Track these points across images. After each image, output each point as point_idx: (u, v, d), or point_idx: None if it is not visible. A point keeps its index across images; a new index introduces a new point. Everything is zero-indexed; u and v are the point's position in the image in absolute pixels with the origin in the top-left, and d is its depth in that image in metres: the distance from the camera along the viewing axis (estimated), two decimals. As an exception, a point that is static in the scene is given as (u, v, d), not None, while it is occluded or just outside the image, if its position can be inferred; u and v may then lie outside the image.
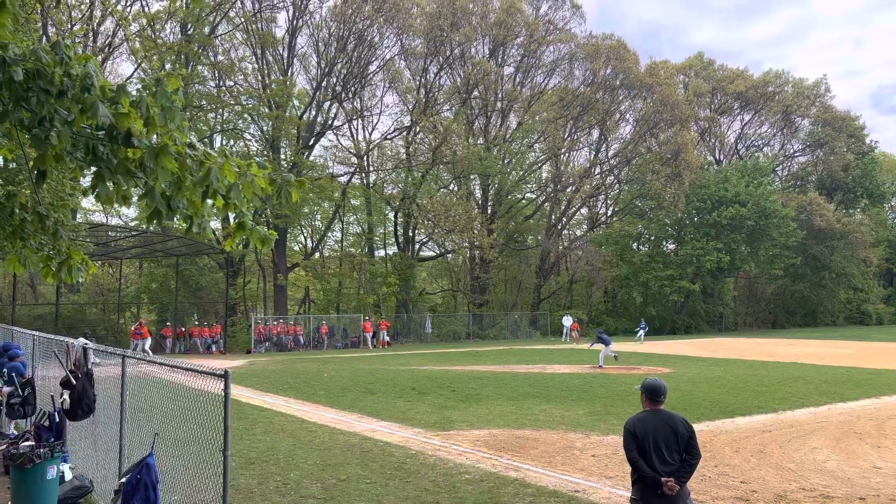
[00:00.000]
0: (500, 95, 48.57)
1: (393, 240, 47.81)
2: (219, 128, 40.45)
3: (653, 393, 5.46)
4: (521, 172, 50.78)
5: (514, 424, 12.88)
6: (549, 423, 12.98)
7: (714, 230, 51.05)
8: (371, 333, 37.46)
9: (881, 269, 70.52)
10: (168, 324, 35.42)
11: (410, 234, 46.86)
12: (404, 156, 45.34)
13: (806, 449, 10.84)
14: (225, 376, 4.90)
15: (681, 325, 53.04)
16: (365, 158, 44.82)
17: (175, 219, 3.84)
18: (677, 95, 52.07)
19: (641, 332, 40.10)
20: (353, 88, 43.57)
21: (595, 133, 53.74)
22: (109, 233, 31.28)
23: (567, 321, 42.88)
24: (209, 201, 3.48)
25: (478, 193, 50.43)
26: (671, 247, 56.88)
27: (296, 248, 48.13)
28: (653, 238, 56.32)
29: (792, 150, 68.04)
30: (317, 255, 46.98)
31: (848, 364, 25.33)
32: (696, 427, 13.10)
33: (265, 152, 39.89)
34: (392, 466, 9.66)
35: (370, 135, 46.90)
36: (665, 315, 52.62)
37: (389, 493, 8.26)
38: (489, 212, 48.61)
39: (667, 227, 55.00)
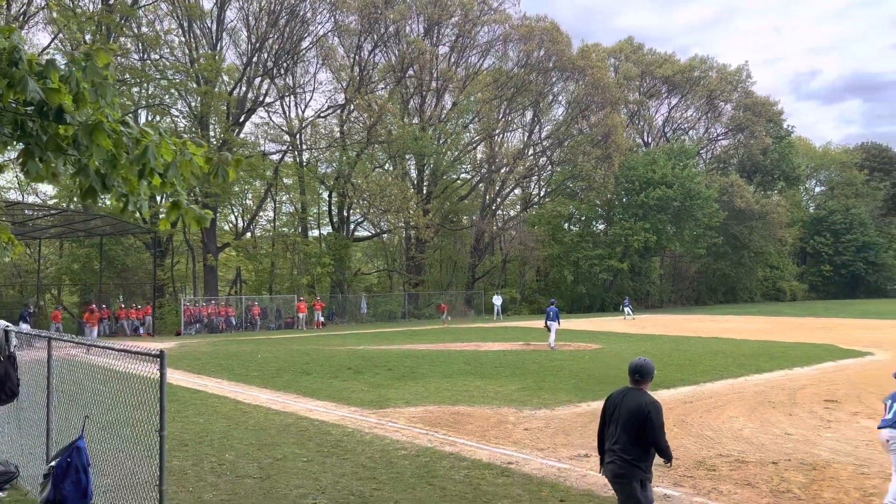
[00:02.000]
0: (435, 75, 48.46)
1: (327, 220, 47.31)
2: (144, 103, 38.94)
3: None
4: (457, 153, 50.98)
5: (450, 401, 13.11)
6: (484, 399, 13.27)
7: (642, 211, 52.61)
8: (305, 314, 37.13)
9: (795, 248, 74.27)
10: (93, 306, 34.18)
11: (345, 213, 46.49)
12: (338, 134, 44.78)
13: (724, 418, 11.46)
14: (161, 356, 4.86)
15: (609, 302, 54.60)
16: (298, 136, 44.06)
17: (106, 198, 3.77)
18: (608, 79, 53.14)
19: (627, 308, 41.42)
20: (285, 64, 42.65)
21: (528, 114, 54.39)
22: (27, 211, 29.85)
23: (497, 300, 43.50)
24: (145, 180, 3.44)
25: (413, 173, 50.38)
26: (601, 227, 58.36)
27: (226, 227, 47.02)
28: (583, 218, 57.62)
29: (715, 134, 70.63)
30: (248, 234, 46.05)
31: (764, 338, 26.72)
32: (624, 400, 13.57)
33: (193, 129, 38.70)
34: (329, 444, 9.72)
35: (303, 112, 46.13)
36: (594, 293, 54.08)
37: (326, 471, 8.33)
38: (425, 192, 48.66)
39: (597, 207, 56.35)
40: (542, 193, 58.25)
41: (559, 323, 24.81)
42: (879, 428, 6.72)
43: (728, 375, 16.32)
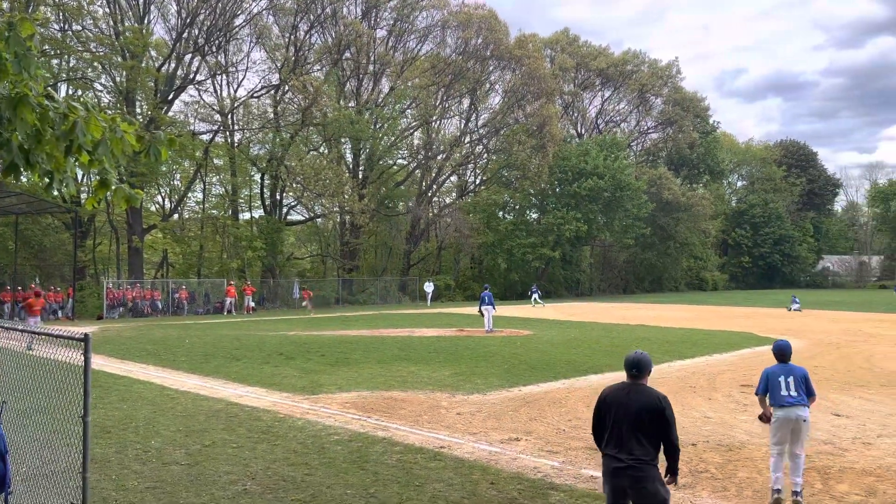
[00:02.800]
0: (372, 58, 47.95)
1: (259, 202, 46.31)
2: (64, 76, 37.08)
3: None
4: (393, 138, 50.70)
5: (383, 386, 13.14)
6: (417, 385, 13.35)
7: (574, 201, 53.64)
8: (235, 299, 36.36)
9: (718, 240, 77.28)
10: (8, 288, 32.51)
11: (278, 196, 45.61)
12: (272, 115, 43.79)
13: (648, 402, 11.88)
14: (85, 340, 4.69)
15: (541, 290, 55.60)
16: (229, 116, 42.88)
17: (27, 176, 3.60)
18: (544, 69, 53.78)
19: (535, 295, 41.85)
20: (216, 42, 41.34)
21: (466, 102, 54.52)
22: (-66, 187, 28.08)
23: (429, 287, 43.61)
24: (72, 157, 3.30)
25: (349, 157, 49.86)
26: (534, 216, 59.22)
27: (152, 208, 45.41)
28: (518, 207, 58.32)
29: (646, 127, 72.54)
30: (176, 216, 44.60)
31: (687, 326, 27.79)
32: (553, 385, 13.98)
33: (118, 105, 37.13)
34: (259, 430, 9.60)
35: (235, 92, 44.83)
36: (527, 281, 54.87)
37: (257, 457, 8.24)
38: (360, 177, 48.24)
39: (531, 196, 57.12)
40: (477, 181, 58.64)
41: (495, 308, 25.22)
42: (790, 405, 6.72)
43: (654, 361, 16.87)
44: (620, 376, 14.91)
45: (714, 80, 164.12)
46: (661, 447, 4.84)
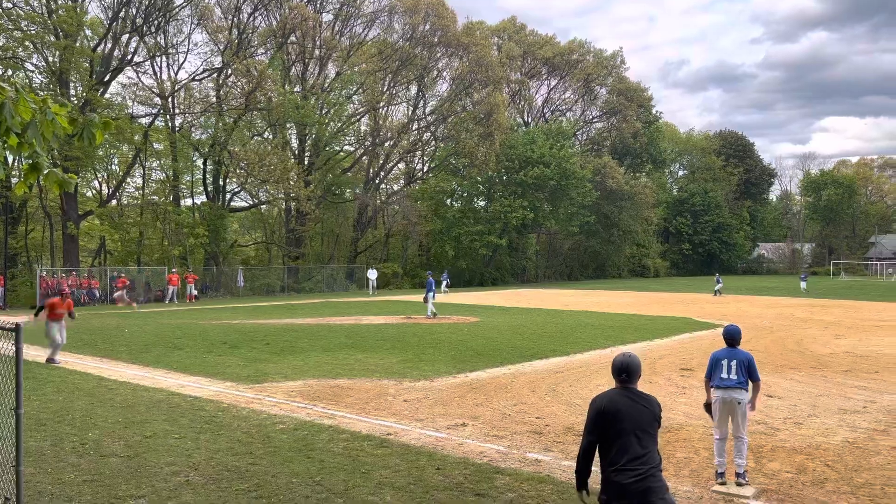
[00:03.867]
0: (318, 43, 47.19)
1: (201, 188, 45.17)
2: (-8, 54, 35.33)
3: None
4: (340, 124, 50.09)
5: (330, 374, 13.06)
6: (364, 372, 13.32)
7: (521, 189, 54.14)
8: (177, 287, 35.50)
9: (660, 228, 79.28)
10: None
11: (221, 182, 44.59)
12: (214, 99, 42.67)
13: (592, 386, 12.15)
14: (16, 330, 4.51)
15: (488, 277, 56.08)
16: (170, 100, 41.61)
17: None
18: (491, 57, 53.94)
19: (444, 282, 41.68)
20: (156, 22, 40.00)
21: (413, 89, 54.28)
22: None
23: (372, 274, 43.23)
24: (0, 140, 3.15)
25: (294, 143, 49.05)
26: (482, 203, 59.55)
27: (89, 194, 43.82)
28: (465, 195, 58.55)
29: (591, 117, 73.62)
30: (114, 202, 43.15)
31: (629, 312, 28.46)
32: (499, 371, 14.13)
33: (51, 86, 35.61)
34: (202, 420, 9.43)
35: (176, 74, 43.55)
36: (474, 268, 55.29)
37: (200, 447, 8.10)
38: (306, 163, 47.57)
39: (478, 184, 57.39)
40: (425, 169, 58.54)
41: (446, 284, 25.41)
42: (728, 387, 6.88)
43: (596, 346, 17.28)
44: (566, 361, 15.15)
45: (658, 70, 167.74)
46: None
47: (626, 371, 4.63)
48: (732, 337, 7.08)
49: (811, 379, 13.09)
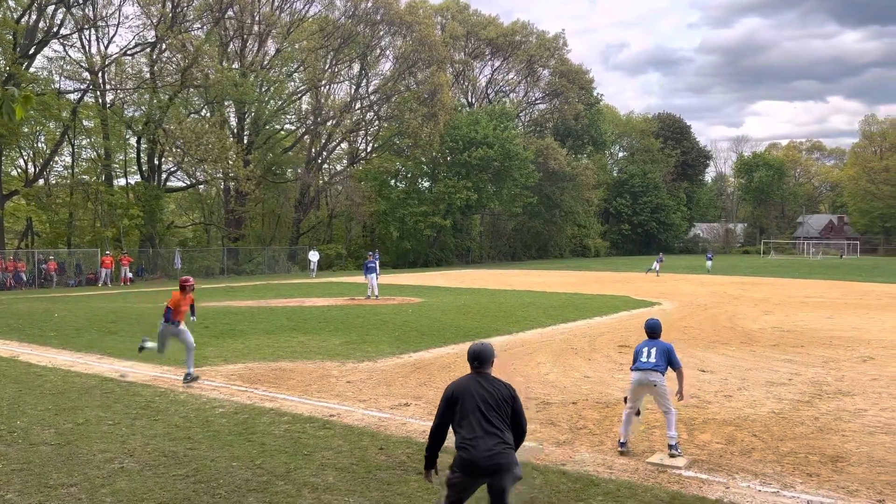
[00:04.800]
0: (257, 18, 45.94)
1: (136, 167, 43.63)
2: None
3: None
4: (280, 102, 49.06)
5: (271, 357, 12.89)
6: (307, 354, 13.20)
7: (465, 170, 54.24)
8: (111, 270, 34.35)
9: (600, 209, 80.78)
10: None
11: (156, 161, 43.15)
12: (148, 75, 41.14)
13: (533, 364, 12.35)
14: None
15: (433, 258, 56.18)
16: (100, 75, 39.92)
17: None
18: (435, 36, 53.57)
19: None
20: (84, -8, 38.18)
21: (356, 67, 53.53)
22: None
23: (313, 256, 42.53)
24: None
25: (233, 122, 47.83)
26: (426, 184, 59.45)
27: (13, 173, 41.79)
28: (409, 175, 58.31)
29: (534, 98, 74.13)
30: (41, 182, 41.28)
31: (570, 291, 28.98)
32: (443, 350, 14.20)
33: (-30, 58, 33.71)
34: (138, 406, 9.19)
35: (106, 49, 41.71)
36: (419, 249, 55.28)
37: (136, 433, 7.89)
38: (245, 142, 46.48)
39: (422, 165, 57.22)
40: (369, 149, 57.97)
41: (378, 274, 25.49)
42: (645, 370, 7.25)
43: (538, 325, 17.54)
44: (508, 339, 15.33)
45: (599, 53, 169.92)
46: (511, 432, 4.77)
47: (477, 359, 4.87)
48: (653, 329, 7.52)
49: (741, 353, 13.61)
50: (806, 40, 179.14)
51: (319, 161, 53.17)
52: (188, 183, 47.80)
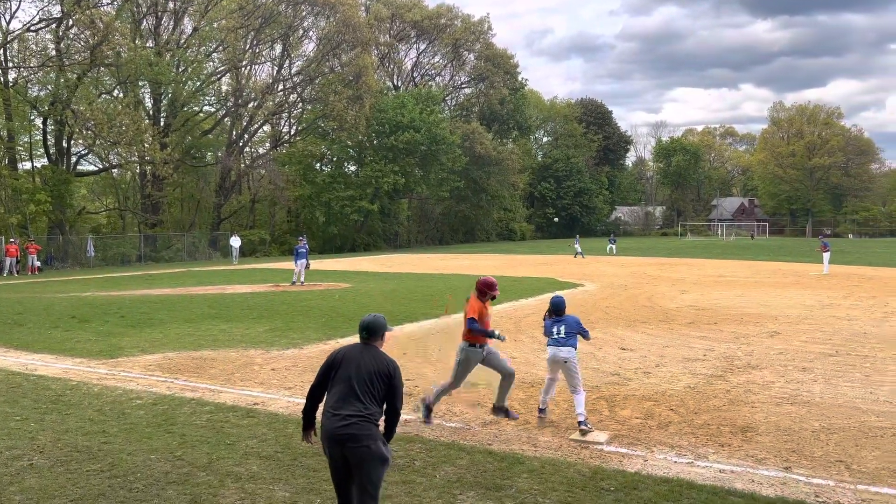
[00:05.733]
0: (172, -5, 44.08)
1: (42, 150, 41.26)
2: None
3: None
4: (199, 83, 47.33)
5: (192, 346, 12.50)
6: (229, 343, 12.87)
7: (391, 153, 53.91)
8: (16, 258, 32.50)
9: (525, 193, 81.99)
10: None
11: (65, 144, 40.93)
12: (54, 53, 38.85)
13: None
14: None
15: (360, 242, 55.75)
16: (1, 52, 37.44)
17: None
18: (359, 18, 52.81)
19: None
20: (-20, -38, 35.66)
21: (278, 48, 52.22)
22: None
23: (235, 242, 41.36)
24: None
25: (148, 103, 45.86)
26: (352, 168, 58.79)
27: None
28: (335, 159, 57.53)
29: (459, 82, 74.26)
30: (-63, 165, 38.54)
31: (497, 273, 29.27)
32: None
33: None
34: (48, 400, 8.74)
35: (8, 24, 39.12)
36: (346, 234, 54.73)
37: (46, 428, 7.50)
38: (162, 124, 44.69)
39: (349, 148, 56.54)
40: (292, 132, 56.82)
41: (308, 261, 25.04)
42: (557, 346, 7.63)
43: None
44: (436, 323, 15.38)
45: (524, 38, 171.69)
46: (384, 410, 4.71)
47: (366, 329, 4.82)
48: (558, 307, 7.90)
49: (660, 331, 14.12)
50: (719, 29, 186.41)
51: (241, 144, 51.74)
52: (101, 167, 45.63)
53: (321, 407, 4.74)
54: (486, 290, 7.80)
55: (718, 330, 14.27)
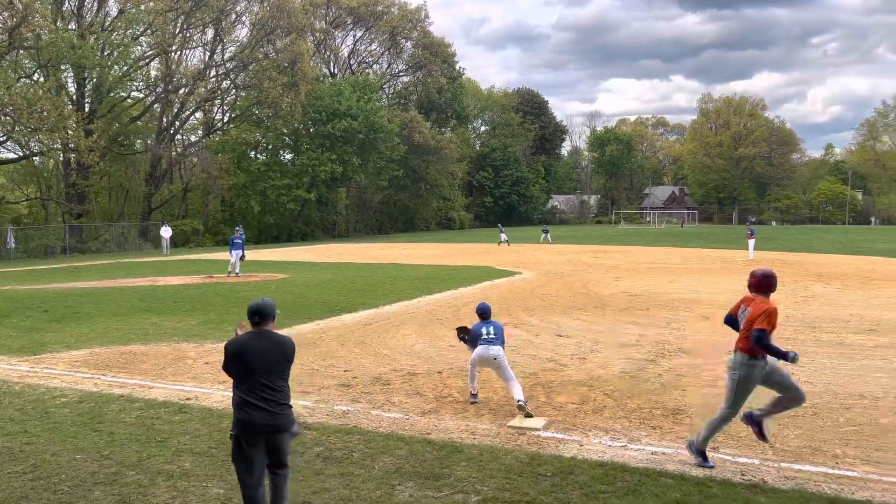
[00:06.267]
0: (95, -26, 42.14)
1: (-45, 137, 39.00)
2: None
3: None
4: (126, 68, 45.45)
5: (121, 341, 12.08)
6: (161, 336, 12.49)
7: (329, 141, 53.17)
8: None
9: (464, 182, 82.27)
10: None
11: (-19, 130, 38.78)
12: (-33, 33, 36.68)
13: (399, 336, 12.42)
14: None
15: (297, 232, 54.90)
16: None
17: None
18: (294, 3, 51.73)
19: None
20: None
21: (210, 33, 50.67)
22: None
23: (166, 232, 39.96)
24: None
25: (72, 88, 43.84)
26: (288, 156, 57.75)
27: None
28: (270, 147, 56.39)
29: (397, 70, 73.79)
30: None
31: (436, 263, 29.39)
32: (307, 327, 13.97)
33: None
34: (-36, 401, 8.29)
35: (-87, 0, 36.67)
36: (282, 223, 53.80)
37: (-39, 432, 7.12)
38: (87, 110, 42.79)
39: (284, 136, 55.48)
40: (226, 119, 55.34)
41: (244, 252, 24.46)
42: (487, 345, 7.96)
43: (404, 298, 17.65)
44: (375, 313, 15.32)
45: (460, 27, 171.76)
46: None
47: (258, 313, 4.83)
48: (484, 312, 8.37)
49: (594, 318, 14.43)
50: (651, 21, 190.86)
51: (172, 131, 50.10)
52: (20, 154, 43.42)
53: (237, 399, 4.76)
54: (771, 284, 6.21)
55: (651, 315, 14.68)
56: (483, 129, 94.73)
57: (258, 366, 4.67)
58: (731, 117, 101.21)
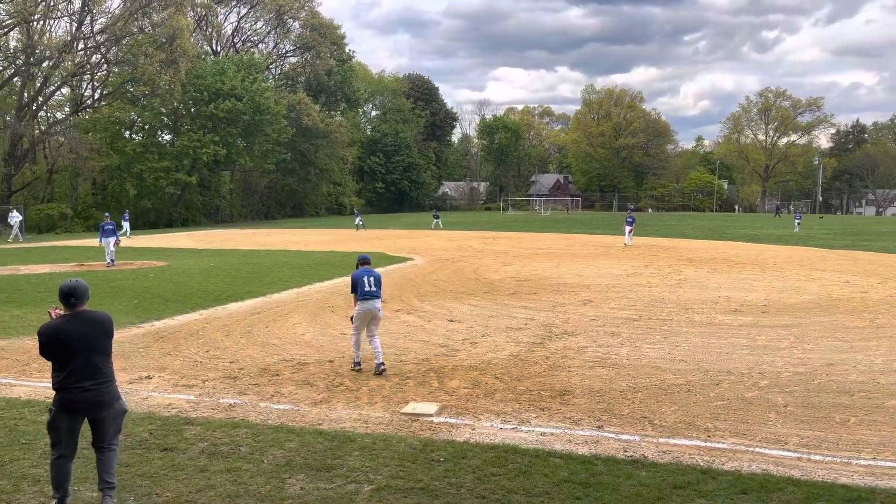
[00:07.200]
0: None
1: None
2: None
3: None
4: (-21, 36, 41.51)
5: (-23, 336, 11.05)
6: (24, 330, 11.54)
7: (211, 123, 50.95)
8: None
9: (355, 167, 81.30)
10: None
11: None
12: None
13: (288, 325, 12.10)
14: None
15: (177, 217, 52.39)
16: None
17: None
18: (172, -26, 48.96)
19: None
20: None
21: (77, 2, 47.07)
22: None
23: (14, 218, 36.44)
24: None
25: (-86, 56, 39.51)
26: (168, 137, 54.84)
27: None
28: (147, 127, 53.30)
29: (284, 51, 71.62)
30: None
31: (327, 249, 28.90)
32: (189, 317, 13.34)
33: None
34: None
35: None
36: (161, 208, 51.14)
37: None
38: (-67, 81, 38.74)
39: (162, 116, 52.60)
40: (97, 96, 51.72)
41: (118, 238, 22.99)
42: (370, 299, 8.71)
43: (294, 285, 17.23)
44: (262, 302, 14.87)
45: (350, 9, 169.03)
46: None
47: (73, 295, 4.90)
48: (366, 260, 9.17)
49: (485, 302, 14.67)
50: (538, 13, 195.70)
51: (35, 108, 46.27)
52: None
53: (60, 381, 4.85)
54: None
55: (538, 299, 15.10)
56: (374, 113, 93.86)
57: (79, 347, 4.77)
58: (612, 108, 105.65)
